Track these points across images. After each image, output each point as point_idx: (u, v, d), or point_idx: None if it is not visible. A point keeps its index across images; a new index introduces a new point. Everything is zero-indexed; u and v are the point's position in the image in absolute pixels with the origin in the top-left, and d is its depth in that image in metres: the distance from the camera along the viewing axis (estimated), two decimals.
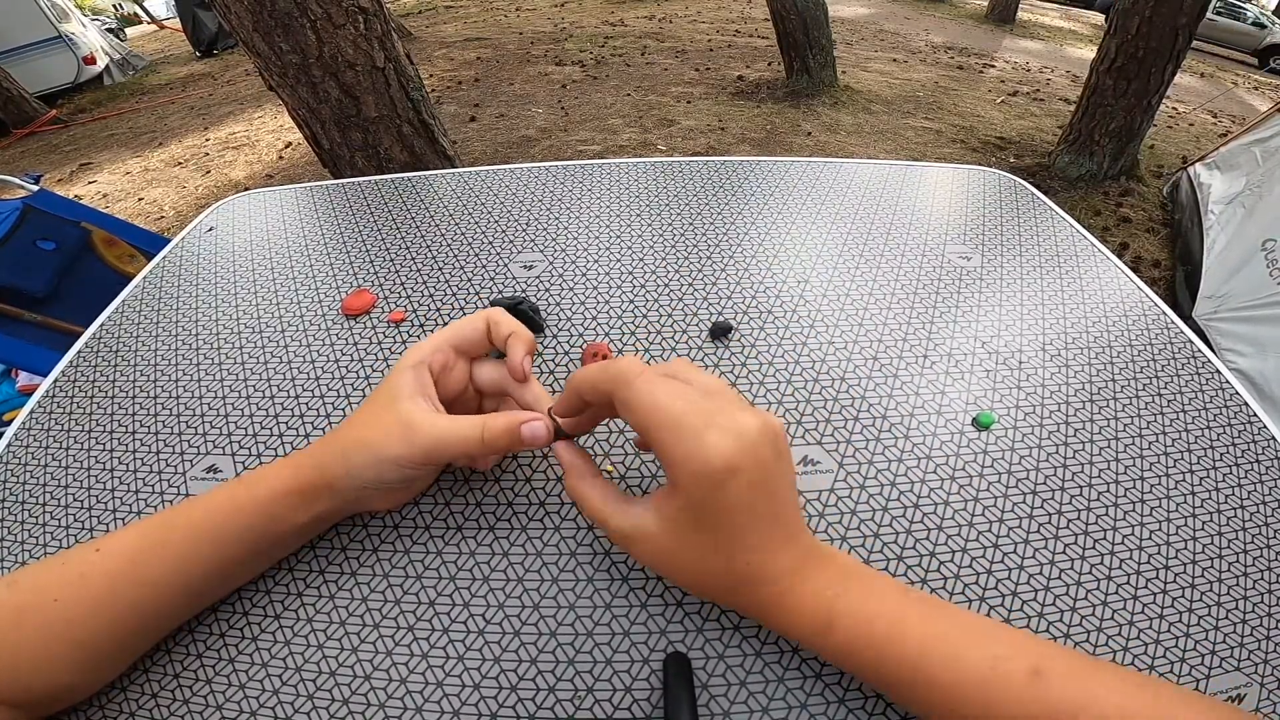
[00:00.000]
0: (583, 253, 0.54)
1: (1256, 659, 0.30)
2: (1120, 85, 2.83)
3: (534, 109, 4.01)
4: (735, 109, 3.98)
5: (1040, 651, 0.24)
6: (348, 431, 0.31)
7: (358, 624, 0.31)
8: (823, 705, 0.28)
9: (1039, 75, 5.36)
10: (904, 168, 0.69)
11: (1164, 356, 0.46)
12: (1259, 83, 7.28)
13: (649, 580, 0.32)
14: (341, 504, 0.32)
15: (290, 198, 0.65)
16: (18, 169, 3.10)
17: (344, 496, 0.31)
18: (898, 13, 7.67)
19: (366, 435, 0.30)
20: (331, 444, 0.31)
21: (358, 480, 0.30)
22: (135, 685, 0.29)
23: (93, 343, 0.49)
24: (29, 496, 0.38)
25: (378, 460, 0.30)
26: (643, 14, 6.68)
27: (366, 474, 0.30)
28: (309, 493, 0.30)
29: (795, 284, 0.51)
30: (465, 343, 0.34)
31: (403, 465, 0.30)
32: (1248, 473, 0.38)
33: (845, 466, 0.38)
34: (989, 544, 0.34)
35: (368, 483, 0.30)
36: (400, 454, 0.29)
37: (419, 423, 0.30)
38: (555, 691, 0.29)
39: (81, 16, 6.19)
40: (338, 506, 0.32)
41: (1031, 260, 0.55)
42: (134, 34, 9.35)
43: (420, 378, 0.32)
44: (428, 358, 0.32)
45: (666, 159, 0.69)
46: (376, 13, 1.56)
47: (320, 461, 0.31)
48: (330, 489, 0.30)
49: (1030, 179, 2.90)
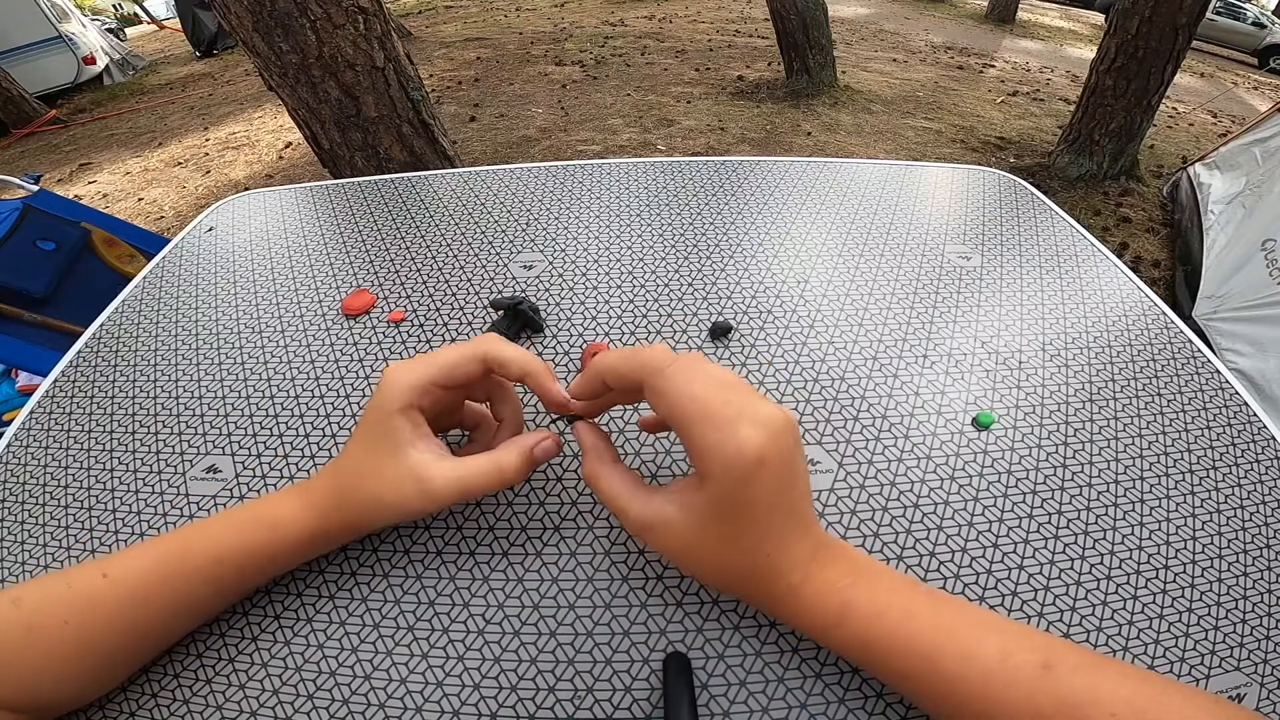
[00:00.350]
0: (583, 253, 0.54)
1: (1256, 659, 0.30)
2: (1120, 85, 2.83)
3: (534, 109, 4.01)
4: (735, 109, 3.98)
5: (1049, 646, 0.24)
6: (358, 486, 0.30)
7: (358, 624, 0.31)
8: (823, 705, 0.28)
9: (1039, 75, 5.36)
10: (904, 168, 0.69)
11: (1164, 356, 0.46)
12: (1259, 83, 7.28)
13: (649, 580, 0.32)
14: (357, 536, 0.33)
15: (290, 198, 0.65)
16: (18, 169, 3.11)
17: (364, 533, 0.33)
18: (898, 13, 7.67)
19: (381, 493, 0.29)
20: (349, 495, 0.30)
21: (378, 526, 0.32)
22: (135, 685, 0.29)
23: (93, 343, 0.49)
24: (29, 496, 0.38)
25: (396, 515, 0.30)
26: (643, 14, 6.68)
27: (387, 523, 0.32)
28: (335, 535, 0.31)
29: (795, 284, 0.51)
30: (453, 382, 0.31)
31: (421, 515, 0.31)
32: (1248, 473, 0.38)
33: (845, 466, 0.38)
34: (989, 544, 0.34)
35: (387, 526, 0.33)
36: (422, 508, 0.29)
37: (430, 475, 0.29)
38: (555, 691, 0.29)
39: (81, 16, 6.19)
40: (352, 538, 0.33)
41: (1031, 260, 0.55)
42: (134, 34, 9.35)
43: (413, 420, 0.30)
44: (416, 400, 0.30)
45: (666, 159, 0.69)
46: (376, 13, 1.56)
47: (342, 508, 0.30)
48: (353, 531, 0.32)
49: (1030, 179, 2.90)
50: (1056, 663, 0.23)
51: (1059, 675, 0.23)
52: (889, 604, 0.26)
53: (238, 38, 1.51)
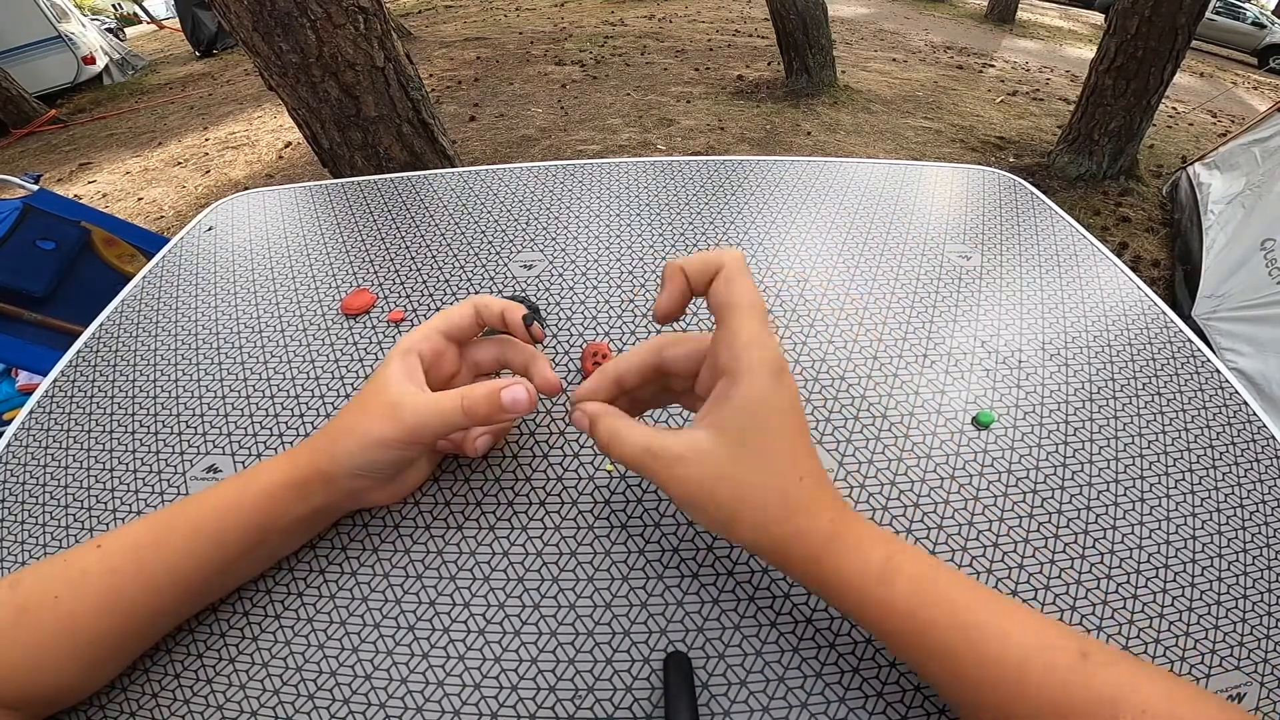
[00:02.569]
0: (582, 252, 0.54)
1: (1256, 658, 0.30)
2: (1120, 85, 2.83)
3: (534, 109, 4.01)
4: (735, 109, 3.98)
5: (1082, 637, 0.24)
6: (338, 420, 0.32)
7: (358, 624, 0.31)
8: (823, 705, 0.28)
9: (1038, 75, 5.36)
10: (904, 167, 0.69)
11: (1164, 356, 0.46)
12: (1258, 83, 7.28)
13: (649, 580, 0.32)
14: (339, 496, 0.32)
15: (290, 197, 0.65)
16: (17, 169, 3.11)
17: (340, 487, 0.31)
18: (897, 12, 7.67)
19: (354, 421, 0.31)
20: (324, 435, 0.32)
21: (349, 466, 0.30)
22: (135, 685, 0.29)
23: (92, 342, 0.49)
24: (29, 496, 0.38)
25: (364, 444, 0.30)
26: (642, 14, 6.68)
27: (357, 459, 0.30)
28: (304, 484, 0.30)
29: (795, 284, 0.51)
30: (454, 329, 0.34)
31: (389, 445, 0.30)
32: (1248, 473, 0.38)
33: (845, 466, 0.38)
34: (989, 544, 0.34)
35: (359, 468, 0.30)
36: (385, 434, 0.30)
37: (404, 402, 0.30)
38: (555, 691, 0.29)
39: (81, 16, 6.19)
40: (335, 500, 0.32)
41: (1031, 260, 0.55)
42: (133, 34, 9.35)
43: (408, 364, 0.32)
44: (417, 345, 0.33)
45: (666, 159, 0.69)
46: (376, 12, 1.56)
47: (314, 452, 0.31)
48: (324, 478, 0.31)
49: (1030, 178, 2.90)
50: (1092, 653, 0.23)
51: (1096, 664, 0.23)
52: (928, 566, 0.25)
53: (238, 37, 1.51)
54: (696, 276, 0.28)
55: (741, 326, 0.26)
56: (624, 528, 0.34)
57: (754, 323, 0.26)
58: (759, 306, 0.26)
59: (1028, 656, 0.23)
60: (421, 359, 0.33)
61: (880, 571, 0.25)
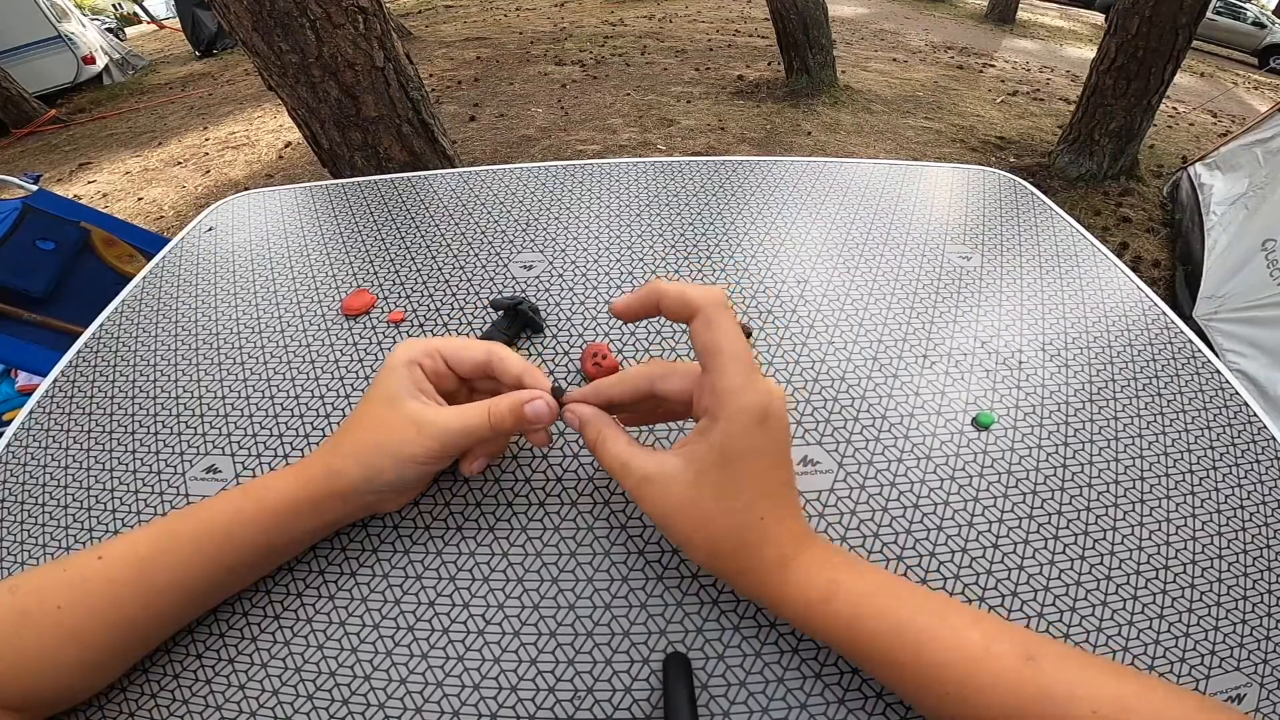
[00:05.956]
0: (582, 253, 0.54)
1: (1256, 659, 0.30)
2: (1120, 85, 2.83)
3: (534, 109, 4.01)
4: (735, 109, 3.98)
5: (1031, 639, 0.25)
6: (355, 436, 0.31)
7: (358, 624, 0.31)
8: (823, 705, 0.28)
9: (1039, 75, 5.36)
10: (904, 167, 0.69)
11: (1164, 356, 0.46)
12: (1259, 83, 7.28)
13: (649, 580, 0.32)
14: (351, 510, 0.32)
15: (290, 198, 0.65)
16: (17, 169, 3.11)
17: (355, 503, 0.31)
18: (897, 12, 7.67)
19: (379, 438, 0.30)
20: (340, 450, 0.31)
21: (376, 484, 0.30)
22: (135, 685, 0.29)
23: (92, 343, 0.49)
24: (29, 496, 0.38)
25: (397, 462, 0.30)
26: (643, 14, 6.68)
27: (387, 476, 0.30)
28: (319, 502, 0.30)
29: (795, 284, 0.51)
30: (460, 363, 0.33)
31: (421, 462, 0.30)
32: (1248, 473, 0.38)
33: (845, 466, 0.38)
34: (989, 544, 0.34)
35: (387, 485, 0.31)
36: (417, 452, 0.30)
37: (428, 418, 0.30)
38: (555, 691, 0.29)
39: (81, 16, 6.19)
40: (347, 512, 0.32)
41: (1031, 260, 0.55)
42: (133, 34, 9.35)
43: (414, 375, 0.31)
44: (419, 357, 0.32)
45: (666, 159, 0.69)
46: (376, 12, 1.56)
47: (331, 469, 0.30)
48: (342, 497, 0.30)
49: (1030, 179, 2.90)
50: (1039, 655, 0.24)
51: (1042, 667, 0.23)
52: (877, 586, 0.26)
53: (237, 37, 1.51)
54: (670, 308, 0.29)
55: (721, 375, 0.26)
56: (624, 528, 0.34)
57: (734, 372, 0.26)
58: (741, 353, 0.26)
59: (974, 662, 0.24)
60: (425, 373, 0.32)
61: (822, 591, 0.26)
